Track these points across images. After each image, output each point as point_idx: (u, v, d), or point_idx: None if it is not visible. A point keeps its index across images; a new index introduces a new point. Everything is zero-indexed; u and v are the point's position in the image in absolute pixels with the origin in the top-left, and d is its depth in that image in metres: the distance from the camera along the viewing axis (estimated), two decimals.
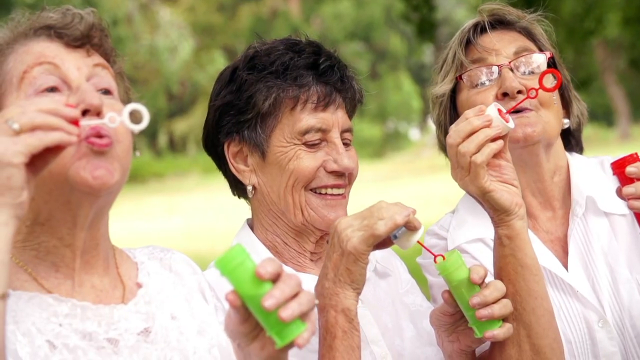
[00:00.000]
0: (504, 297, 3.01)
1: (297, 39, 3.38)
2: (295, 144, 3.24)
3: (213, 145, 3.39)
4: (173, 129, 45.41)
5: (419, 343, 3.35)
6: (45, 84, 2.49)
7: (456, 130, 3.05)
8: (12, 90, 2.49)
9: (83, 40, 2.58)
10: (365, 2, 45.18)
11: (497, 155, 3.10)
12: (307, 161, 3.24)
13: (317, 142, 3.26)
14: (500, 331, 2.99)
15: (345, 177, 3.29)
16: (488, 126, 3.03)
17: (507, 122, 3.05)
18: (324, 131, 3.26)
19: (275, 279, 2.27)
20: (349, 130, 3.33)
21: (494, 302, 2.96)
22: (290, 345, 2.30)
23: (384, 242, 2.98)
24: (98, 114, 2.43)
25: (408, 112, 45.58)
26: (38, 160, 2.24)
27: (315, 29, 45.19)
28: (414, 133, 48.14)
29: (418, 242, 2.97)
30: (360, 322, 3.20)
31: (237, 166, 3.33)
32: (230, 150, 3.33)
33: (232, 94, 3.31)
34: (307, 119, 3.25)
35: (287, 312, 2.24)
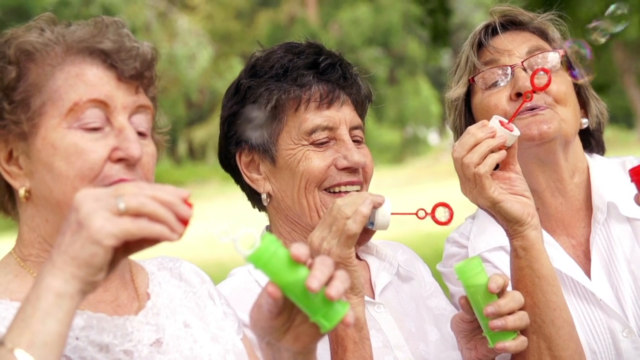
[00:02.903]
0: (521, 309, 2.99)
1: (297, 42, 3.38)
2: (303, 145, 3.23)
3: (227, 159, 3.39)
4: (192, 137, 45.46)
5: (444, 347, 3.32)
6: (92, 123, 2.46)
7: (460, 143, 3.06)
8: (55, 113, 2.45)
9: (136, 77, 2.54)
10: (383, 8, 45.10)
11: (506, 168, 3.10)
12: (317, 161, 3.22)
13: (325, 140, 3.24)
14: (512, 344, 2.96)
15: (359, 174, 3.27)
16: (492, 137, 3.03)
17: (511, 131, 3.06)
18: (330, 129, 3.25)
19: (308, 261, 2.26)
20: (358, 127, 3.32)
21: (509, 313, 2.94)
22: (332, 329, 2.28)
23: (363, 236, 2.96)
24: (134, 164, 2.45)
25: (427, 117, 45.48)
26: (132, 243, 2.18)
27: (333, 35, 45.16)
28: (433, 138, 48.06)
29: (392, 213, 2.95)
30: (383, 327, 3.20)
31: (250, 175, 3.33)
32: (242, 161, 3.33)
33: (237, 104, 3.32)
34: (313, 118, 3.24)
35: (333, 290, 2.22)
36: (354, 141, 3.29)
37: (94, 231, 2.10)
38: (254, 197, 3.39)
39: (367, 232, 2.98)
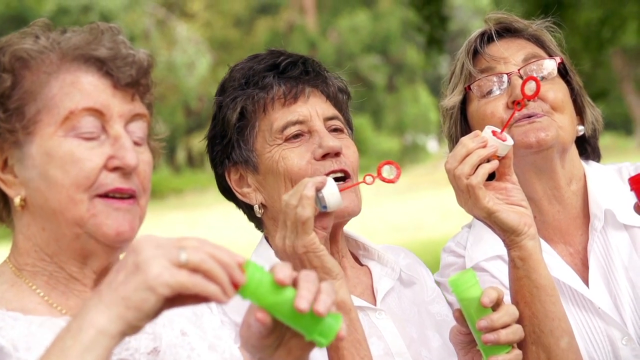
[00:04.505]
0: (518, 322, 2.96)
1: (260, 53, 3.40)
2: (278, 145, 3.23)
3: (221, 184, 3.40)
4: (191, 145, 45.48)
5: (446, 354, 3.30)
6: (88, 132, 2.45)
7: (452, 155, 3.06)
8: (50, 121, 2.44)
9: (132, 84, 2.53)
10: (382, 15, 45.16)
11: (502, 178, 3.10)
12: (295, 159, 3.21)
13: (297, 132, 3.24)
14: (506, 357, 2.93)
15: (340, 162, 3.23)
16: (483, 147, 3.03)
17: (504, 140, 3.05)
18: (302, 122, 3.25)
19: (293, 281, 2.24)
20: (334, 117, 3.31)
21: (503, 327, 2.91)
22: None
23: (323, 220, 2.95)
24: (130, 173, 2.45)
25: (426, 124, 45.47)
26: (178, 298, 2.15)
27: (332, 42, 45.20)
28: (432, 145, 48.01)
29: (341, 190, 2.95)
30: (384, 334, 3.19)
31: (241, 191, 3.32)
32: (232, 180, 3.34)
33: (215, 127, 3.35)
34: (281, 116, 3.25)
35: (321, 306, 2.20)
36: (333, 130, 3.28)
37: (151, 277, 2.07)
38: (252, 215, 3.38)
39: (326, 215, 2.97)
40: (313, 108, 3.27)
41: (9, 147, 2.47)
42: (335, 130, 3.30)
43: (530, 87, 3.19)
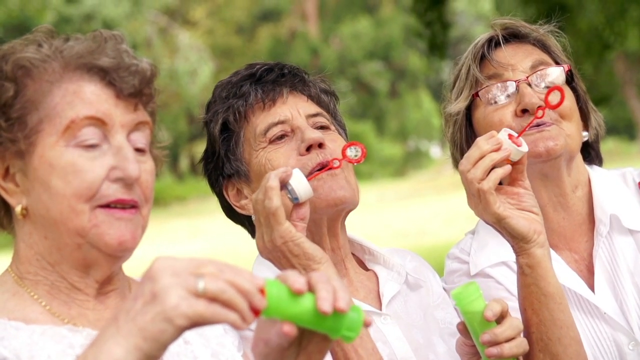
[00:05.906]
0: (525, 329, 2.96)
1: (240, 69, 3.42)
2: (263, 148, 3.24)
3: (223, 205, 3.40)
4: (194, 153, 45.54)
5: (453, 359, 3.29)
6: (90, 140, 2.44)
7: (466, 157, 3.04)
8: (52, 131, 2.43)
9: (135, 94, 2.51)
10: (384, 21, 45.24)
11: (514, 183, 3.09)
12: (280, 159, 3.21)
13: (281, 134, 3.23)
14: None
15: (325, 154, 3.20)
16: (497, 150, 3.01)
17: (519, 146, 3.03)
18: (283, 122, 3.25)
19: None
20: (317, 114, 3.31)
21: (506, 341, 2.89)
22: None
23: (298, 211, 2.95)
24: (132, 183, 2.44)
25: (429, 129, 45.56)
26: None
27: (334, 49, 45.27)
28: (435, 151, 48.04)
29: (309, 179, 2.94)
30: (389, 339, 3.17)
31: (239, 204, 3.32)
32: (230, 196, 3.34)
33: (206, 148, 3.39)
34: (263, 120, 3.26)
35: (342, 303, 2.18)
36: (319, 128, 3.27)
37: (169, 308, 2.03)
38: (253, 229, 3.36)
39: (301, 206, 2.96)
40: (294, 108, 3.28)
41: (11, 156, 2.46)
42: (322, 127, 3.28)
43: (554, 97, 3.18)
